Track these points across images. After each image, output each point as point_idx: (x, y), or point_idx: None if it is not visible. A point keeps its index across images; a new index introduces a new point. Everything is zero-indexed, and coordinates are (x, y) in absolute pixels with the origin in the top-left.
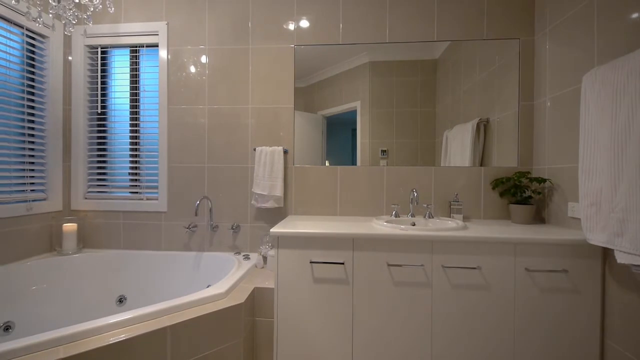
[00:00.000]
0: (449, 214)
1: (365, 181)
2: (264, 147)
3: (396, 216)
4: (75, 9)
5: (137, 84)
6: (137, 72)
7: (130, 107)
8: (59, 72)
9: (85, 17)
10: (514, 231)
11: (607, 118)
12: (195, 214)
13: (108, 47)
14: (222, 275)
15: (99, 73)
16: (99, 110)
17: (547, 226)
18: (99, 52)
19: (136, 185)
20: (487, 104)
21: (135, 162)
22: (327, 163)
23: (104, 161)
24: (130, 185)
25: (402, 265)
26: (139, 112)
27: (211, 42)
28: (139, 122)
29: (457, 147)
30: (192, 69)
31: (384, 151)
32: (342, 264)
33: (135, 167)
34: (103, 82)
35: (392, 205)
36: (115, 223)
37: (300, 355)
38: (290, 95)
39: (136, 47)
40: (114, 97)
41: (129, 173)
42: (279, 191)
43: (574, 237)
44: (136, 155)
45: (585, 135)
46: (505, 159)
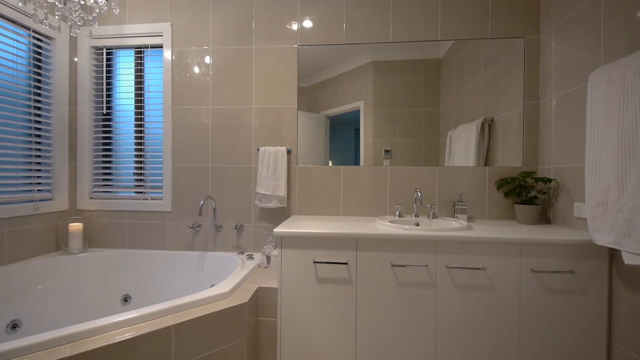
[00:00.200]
0: (453, 214)
1: (369, 181)
2: (267, 147)
3: (400, 216)
4: (81, 11)
5: (142, 85)
6: (142, 72)
7: (135, 107)
8: (65, 73)
9: (91, 18)
10: (519, 231)
11: (614, 117)
12: (199, 214)
13: (113, 48)
14: (226, 275)
15: (104, 74)
16: (104, 110)
17: (552, 226)
18: (104, 53)
19: (141, 185)
20: (492, 104)
21: (140, 162)
22: (330, 163)
23: (109, 161)
24: (135, 185)
25: (405, 266)
26: (143, 113)
27: (215, 42)
28: (143, 122)
29: (461, 146)
30: (196, 69)
31: (387, 151)
32: (346, 264)
33: (140, 167)
34: (108, 83)
35: (396, 206)
36: (120, 223)
37: (303, 355)
38: (294, 95)
39: (141, 48)
40: (119, 97)
41: (134, 173)
42: (282, 191)
43: (580, 237)
44: (141, 155)
45: (592, 134)
46: (510, 159)
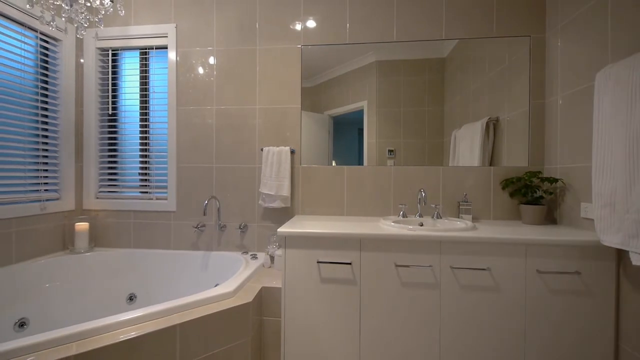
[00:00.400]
0: (457, 214)
1: (372, 181)
2: (271, 147)
3: (404, 216)
4: (87, 13)
5: (147, 86)
6: (147, 73)
7: (140, 108)
8: (71, 74)
9: (97, 20)
10: (524, 232)
11: (622, 117)
12: (204, 214)
13: (118, 50)
14: (230, 275)
15: (110, 75)
16: (110, 111)
17: (559, 227)
18: (110, 55)
19: (146, 185)
20: (497, 103)
21: (145, 162)
22: (334, 163)
23: (115, 161)
24: (140, 185)
25: (410, 266)
26: (148, 113)
27: (219, 43)
28: (148, 122)
29: (466, 146)
30: (200, 70)
31: (391, 151)
32: (350, 264)
33: (145, 167)
34: (114, 84)
35: (400, 206)
36: (125, 222)
37: (307, 354)
38: (297, 95)
39: (146, 49)
40: (125, 98)
41: (139, 173)
42: (286, 191)
43: (587, 238)
44: (146, 155)
45: (599, 134)
46: (515, 159)
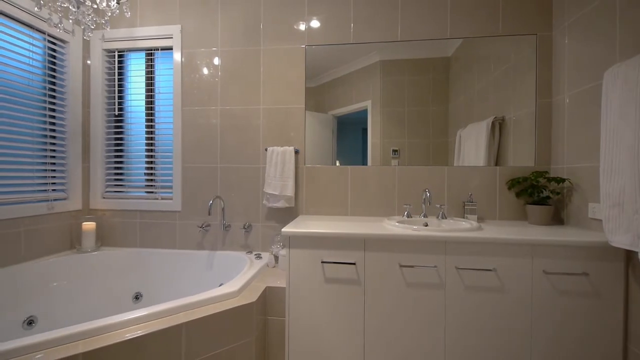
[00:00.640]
0: (462, 214)
1: (377, 181)
2: (275, 147)
3: (408, 216)
4: (94, 14)
5: (152, 87)
6: (152, 74)
7: (145, 109)
8: (78, 75)
9: (103, 22)
10: (531, 232)
11: (630, 116)
12: (209, 214)
13: (124, 51)
14: (235, 274)
15: (116, 76)
16: (116, 112)
17: (566, 227)
18: (116, 56)
19: (151, 185)
20: (503, 102)
21: (151, 162)
22: (338, 163)
23: (121, 162)
24: (145, 185)
25: (414, 266)
26: (154, 114)
27: (223, 44)
28: (154, 123)
29: (471, 146)
30: (205, 70)
31: (395, 151)
32: (354, 264)
33: (151, 168)
34: (120, 85)
35: (404, 206)
36: (131, 222)
37: (311, 354)
38: (301, 95)
39: (151, 50)
40: (130, 99)
41: (145, 173)
42: (290, 191)
43: (594, 239)
44: (151, 155)
45: (607, 133)
46: (521, 158)
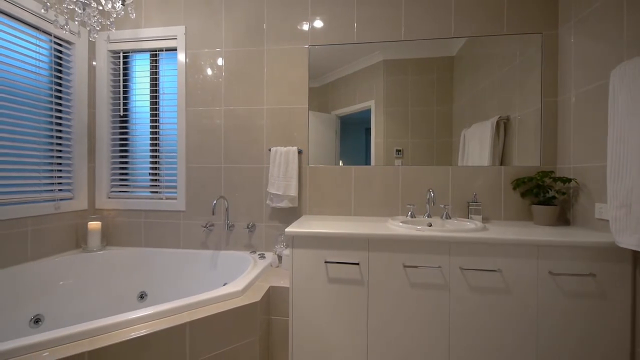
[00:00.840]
0: (467, 214)
1: (380, 181)
2: (278, 148)
3: (412, 217)
4: (99, 16)
5: (157, 87)
6: (157, 75)
7: (150, 109)
8: (84, 76)
9: (109, 23)
10: (536, 233)
11: (638, 114)
12: (213, 213)
13: (129, 52)
14: (238, 274)
15: (121, 77)
16: (121, 112)
17: (572, 228)
18: (121, 57)
19: (156, 185)
20: (508, 101)
21: (155, 162)
22: (341, 163)
23: (126, 162)
24: (150, 185)
25: (418, 267)
26: (158, 114)
27: (227, 44)
28: (158, 123)
29: (476, 145)
30: (209, 71)
31: (398, 151)
32: (357, 264)
33: (155, 168)
34: (125, 86)
35: (408, 206)
36: (136, 222)
37: (315, 354)
38: (305, 95)
39: (156, 51)
40: (135, 100)
41: (150, 173)
42: (293, 191)
43: (601, 239)
44: (156, 155)
45: (614, 132)
46: (527, 158)
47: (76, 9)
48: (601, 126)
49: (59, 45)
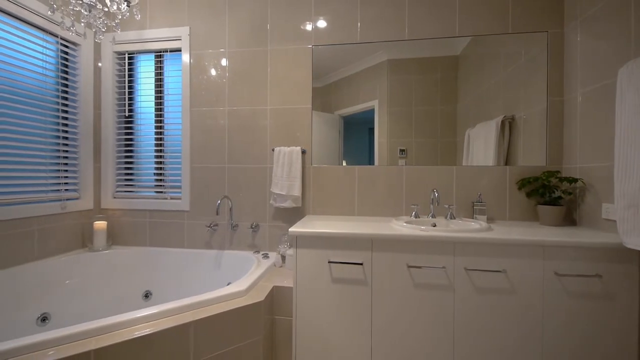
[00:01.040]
0: (471, 215)
1: (384, 181)
2: (282, 148)
3: (416, 217)
4: (105, 18)
5: (161, 88)
6: (162, 76)
7: (155, 110)
8: (89, 78)
9: (114, 24)
10: (542, 233)
11: None
12: (217, 213)
13: (134, 53)
14: (242, 274)
15: (126, 78)
16: (126, 113)
17: (578, 228)
18: (126, 58)
19: (161, 185)
20: (513, 101)
21: (160, 162)
22: (344, 163)
23: (131, 162)
24: (155, 185)
25: (422, 267)
26: (163, 115)
27: (231, 45)
28: (163, 124)
29: (480, 145)
30: (213, 72)
31: (402, 150)
32: (361, 264)
33: (160, 168)
34: (130, 87)
35: (412, 206)
36: (141, 221)
37: (319, 354)
38: (308, 95)
39: (160, 52)
40: (140, 100)
41: (154, 173)
42: (297, 191)
43: (608, 240)
44: (161, 156)
45: (622, 132)
46: (532, 158)
47: (82, 11)
48: (608, 125)
49: (66, 46)
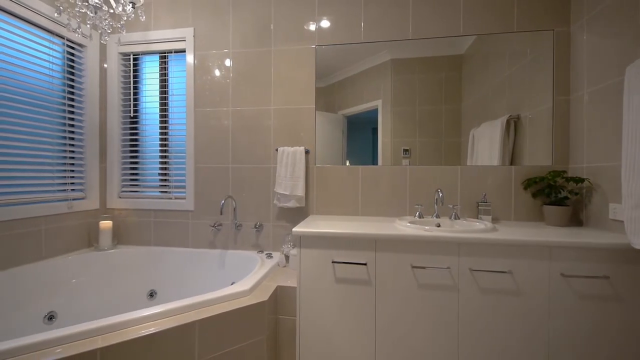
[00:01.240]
0: (476, 215)
1: (388, 181)
2: (285, 148)
3: (420, 217)
4: (110, 19)
5: (166, 88)
6: (166, 77)
7: (159, 110)
8: (95, 79)
9: (119, 26)
10: (548, 234)
11: None
12: (220, 213)
13: (139, 54)
14: (246, 273)
15: (131, 79)
16: (132, 114)
17: (585, 229)
18: (131, 59)
19: (165, 185)
20: (518, 100)
21: (165, 162)
22: (348, 163)
23: (136, 162)
24: (160, 185)
25: (426, 268)
26: (167, 115)
27: (235, 45)
28: (167, 124)
29: (485, 145)
30: (217, 72)
31: (406, 150)
32: (365, 264)
33: (165, 168)
34: (135, 88)
35: (416, 206)
36: (146, 221)
37: (322, 354)
38: (312, 95)
39: (165, 53)
40: (145, 101)
41: (159, 173)
42: (300, 191)
43: (616, 240)
44: (165, 156)
45: (629, 131)
46: (538, 158)
47: (88, 13)
48: (615, 125)
49: (72, 48)
